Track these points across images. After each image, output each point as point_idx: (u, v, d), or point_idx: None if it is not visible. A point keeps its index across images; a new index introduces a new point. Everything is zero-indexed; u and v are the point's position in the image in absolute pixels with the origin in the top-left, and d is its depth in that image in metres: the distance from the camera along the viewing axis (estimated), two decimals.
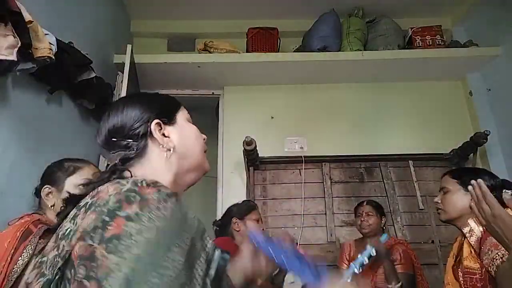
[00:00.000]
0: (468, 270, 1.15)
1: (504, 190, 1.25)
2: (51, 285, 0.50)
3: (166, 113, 0.71)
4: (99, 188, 0.55)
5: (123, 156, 0.65)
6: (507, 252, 1.01)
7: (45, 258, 0.53)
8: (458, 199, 1.27)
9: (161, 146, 0.66)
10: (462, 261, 1.19)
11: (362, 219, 2.02)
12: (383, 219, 2.06)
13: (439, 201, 1.34)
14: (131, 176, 0.61)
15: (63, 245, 0.50)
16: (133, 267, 0.45)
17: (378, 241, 1.68)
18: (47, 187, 1.18)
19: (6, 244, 0.97)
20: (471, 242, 1.16)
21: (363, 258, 1.66)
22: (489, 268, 1.05)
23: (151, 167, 0.65)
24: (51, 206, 1.16)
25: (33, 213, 1.14)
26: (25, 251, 0.98)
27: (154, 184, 0.55)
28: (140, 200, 0.50)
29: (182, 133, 0.71)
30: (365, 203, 2.09)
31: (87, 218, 0.50)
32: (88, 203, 0.53)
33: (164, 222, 0.50)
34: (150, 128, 0.67)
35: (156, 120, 0.67)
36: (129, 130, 0.66)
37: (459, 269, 1.19)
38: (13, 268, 0.95)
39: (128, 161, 0.65)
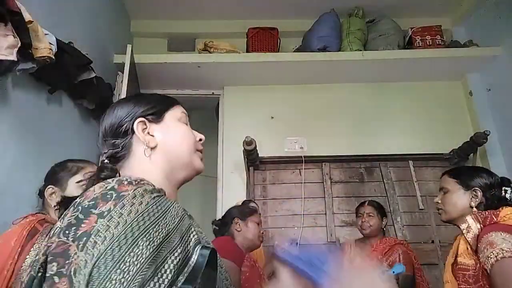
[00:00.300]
0: (461, 266, 1.16)
1: (503, 188, 1.25)
2: (34, 282, 0.50)
3: (153, 111, 0.71)
4: (89, 188, 0.56)
5: (110, 154, 0.67)
6: (502, 250, 1.01)
7: (37, 257, 0.53)
8: (458, 199, 1.27)
9: (143, 144, 0.67)
10: (457, 257, 1.19)
11: (363, 219, 2.01)
12: (384, 219, 2.05)
13: (439, 201, 1.34)
14: (119, 175, 0.62)
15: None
16: (97, 263, 0.45)
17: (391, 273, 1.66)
18: (50, 187, 1.19)
19: (13, 242, 0.98)
20: (467, 239, 1.16)
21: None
22: (485, 266, 1.05)
23: (138, 165, 0.66)
24: (54, 206, 1.16)
25: (37, 213, 1.15)
26: (32, 249, 0.98)
27: (137, 182, 0.55)
28: (115, 197, 0.51)
29: (168, 132, 0.71)
30: (366, 204, 2.08)
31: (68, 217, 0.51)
32: (76, 203, 0.53)
33: (135, 216, 0.50)
34: (133, 126, 0.68)
35: (140, 118, 0.68)
36: (117, 129, 0.68)
37: (456, 266, 1.20)
38: (21, 266, 0.95)
39: (116, 160, 0.67)
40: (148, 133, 0.68)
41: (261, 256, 2.04)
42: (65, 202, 0.59)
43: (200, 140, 0.76)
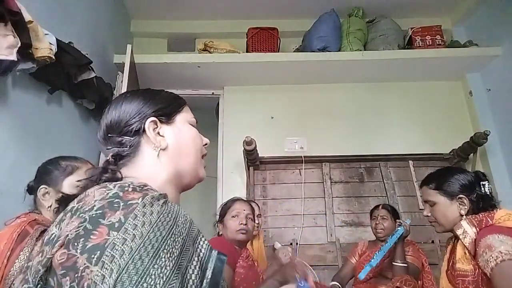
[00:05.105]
0: (460, 272, 1.14)
1: (481, 183, 1.23)
2: None
3: (165, 111, 0.69)
4: (86, 191, 0.54)
5: (116, 152, 0.63)
6: (501, 253, 1.00)
7: (30, 263, 0.51)
8: (448, 210, 1.24)
9: (153, 144, 0.65)
10: (455, 263, 1.17)
11: (377, 222, 2.07)
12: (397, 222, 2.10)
13: (429, 214, 1.31)
14: (121, 177, 0.60)
15: (46, 251, 0.48)
16: (119, 278, 0.43)
17: (404, 223, 1.82)
18: (43, 187, 1.13)
19: (2, 246, 0.95)
20: (465, 244, 1.14)
21: (395, 237, 1.78)
22: (484, 269, 1.04)
23: (144, 166, 0.64)
24: (48, 207, 1.12)
25: (29, 212, 1.11)
26: (22, 253, 0.95)
27: (141, 188, 0.53)
28: (124, 207, 0.48)
29: (178, 134, 0.69)
30: (380, 207, 2.13)
31: (70, 225, 0.48)
32: (74, 208, 0.51)
33: (150, 228, 0.47)
34: (144, 125, 0.65)
35: (152, 118, 0.66)
36: (125, 126, 0.65)
37: (453, 272, 1.18)
38: (10, 271, 0.92)
39: (121, 159, 0.64)
40: (159, 133, 0.66)
41: (262, 256, 2.03)
42: (64, 201, 0.57)
43: (205, 144, 0.75)
